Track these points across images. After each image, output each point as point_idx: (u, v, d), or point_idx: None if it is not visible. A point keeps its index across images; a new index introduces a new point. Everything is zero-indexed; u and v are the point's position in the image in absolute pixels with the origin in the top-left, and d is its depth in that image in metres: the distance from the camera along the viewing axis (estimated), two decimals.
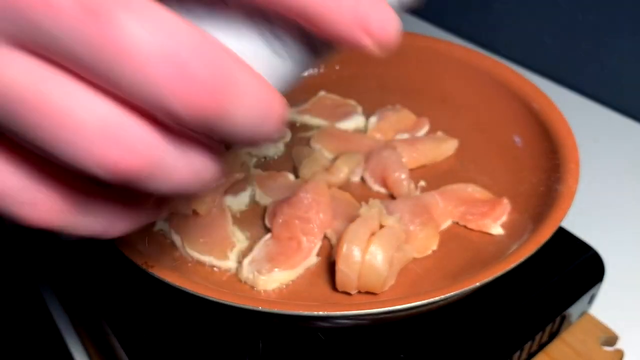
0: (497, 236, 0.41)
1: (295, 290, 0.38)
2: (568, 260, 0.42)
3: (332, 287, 0.38)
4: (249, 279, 0.38)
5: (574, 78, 0.74)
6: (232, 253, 0.40)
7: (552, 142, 0.42)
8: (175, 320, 0.38)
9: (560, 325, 0.42)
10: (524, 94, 0.46)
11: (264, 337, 0.37)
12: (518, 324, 0.39)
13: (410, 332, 0.37)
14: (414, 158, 0.47)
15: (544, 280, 0.41)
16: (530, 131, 0.45)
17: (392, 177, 0.44)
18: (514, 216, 0.41)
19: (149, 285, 0.35)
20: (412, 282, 0.38)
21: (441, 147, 0.48)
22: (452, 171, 0.47)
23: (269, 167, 0.47)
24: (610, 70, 0.70)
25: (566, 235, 0.44)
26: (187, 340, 0.37)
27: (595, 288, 0.42)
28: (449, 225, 0.43)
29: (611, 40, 0.69)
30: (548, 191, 0.40)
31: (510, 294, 0.40)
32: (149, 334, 0.38)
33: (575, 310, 0.42)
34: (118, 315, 0.39)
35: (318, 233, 0.40)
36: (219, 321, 0.38)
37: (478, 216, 0.42)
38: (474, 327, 0.38)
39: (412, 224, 0.40)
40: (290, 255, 0.39)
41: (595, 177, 0.59)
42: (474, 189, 0.44)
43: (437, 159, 0.48)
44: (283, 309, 0.31)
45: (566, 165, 0.40)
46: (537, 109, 0.45)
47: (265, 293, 0.38)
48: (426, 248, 0.40)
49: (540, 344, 0.42)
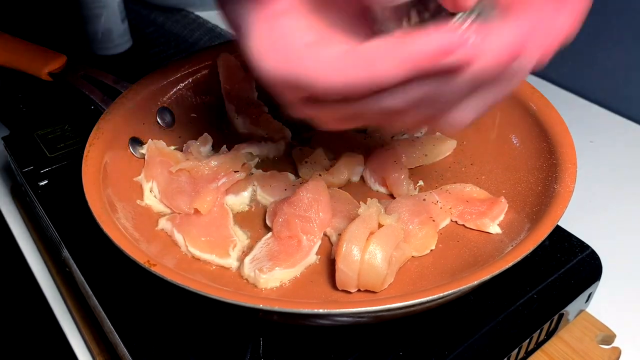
0: (495, 235, 0.41)
1: (295, 288, 0.38)
2: (565, 259, 0.42)
3: (332, 285, 0.38)
4: (250, 277, 0.38)
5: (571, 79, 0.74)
6: (233, 252, 0.40)
7: (549, 142, 0.43)
8: (177, 317, 0.39)
9: (557, 323, 0.42)
10: (522, 95, 0.46)
11: (265, 334, 0.37)
12: (516, 322, 0.39)
13: (409, 329, 0.38)
14: (413, 158, 0.48)
15: (541, 279, 0.41)
16: (528, 131, 0.45)
17: (392, 177, 0.45)
18: (512, 215, 0.42)
19: (152, 283, 0.35)
20: (411, 281, 0.39)
21: (440, 147, 0.48)
22: (450, 171, 0.48)
23: (269, 167, 0.48)
24: (607, 71, 0.71)
25: (563, 234, 0.44)
26: (189, 337, 0.38)
27: (593, 287, 0.43)
28: (447, 225, 0.43)
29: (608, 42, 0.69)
30: (545, 190, 0.40)
31: (508, 293, 0.40)
32: (151, 331, 0.38)
33: (573, 309, 0.43)
34: (121, 313, 0.39)
35: (318, 232, 0.41)
36: (220, 319, 0.38)
37: (476, 215, 0.42)
38: (472, 325, 0.38)
39: (411, 223, 0.41)
40: (291, 254, 0.39)
41: (592, 177, 0.60)
42: (472, 188, 0.44)
43: (436, 159, 0.49)
44: (284, 306, 0.32)
45: (563, 165, 0.40)
46: (534, 109, 0.45)
47: (266, 291, 0.38)
48: (425, 247, 0.41)
49: (538, 342, 0.42)
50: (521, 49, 0.26)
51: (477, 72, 0.26)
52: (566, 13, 0.27)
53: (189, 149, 0.47)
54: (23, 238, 0.55)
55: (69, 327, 0.47)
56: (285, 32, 0.28)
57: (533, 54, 0.27)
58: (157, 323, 0.39)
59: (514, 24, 0.26)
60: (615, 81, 0.70)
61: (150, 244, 0.39)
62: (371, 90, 0.27)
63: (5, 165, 0.63)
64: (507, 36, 0.25)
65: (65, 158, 0.51)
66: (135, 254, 0.34)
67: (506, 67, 0.26)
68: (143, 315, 0.39)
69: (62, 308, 0.49)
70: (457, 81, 0.26)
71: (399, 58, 0.25)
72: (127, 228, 0.38)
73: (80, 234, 0.44)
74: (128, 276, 0.41)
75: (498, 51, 0.25)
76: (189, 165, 0.45)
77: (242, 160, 0.47)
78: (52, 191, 0.49)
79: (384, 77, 0.26)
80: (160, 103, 0.49)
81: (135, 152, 0.46)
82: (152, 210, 0.43)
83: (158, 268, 0.33)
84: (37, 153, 0.52)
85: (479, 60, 0.25)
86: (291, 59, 0.27)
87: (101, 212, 0.37)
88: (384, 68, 0.26)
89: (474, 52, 0.25)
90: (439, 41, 0.25)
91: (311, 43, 0.27)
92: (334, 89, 0.27)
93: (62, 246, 0.45)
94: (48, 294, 0.50)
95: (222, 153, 0.47)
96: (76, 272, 0.43)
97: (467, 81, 0.26)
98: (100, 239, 0.36)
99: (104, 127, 0.44)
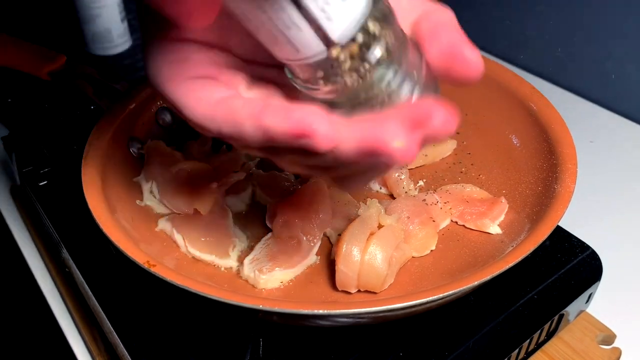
0: (495, 235, 0.41)
1: (295, 288, 0.38)
2: (566, 259, 0.42)
3: (332, 285, 0.38)
4: (250, 278, 0.38)
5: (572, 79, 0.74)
6: (233, 252, 0.40)
7: (549, 143, 0.43)
8: (176, 318, 0.39)
9: (558, 323, 0.42)
10: (522, 95, 0.46)
11: (265, 335, 0.37)
12: (516, 322, 0.39)
13: (409, 330, 0.38)
14: None
15: (541, 279, 0.41)
16: (528, 131, 0.45)
17: (392, 177, 0.45)
18: (512, 216, 0.41)
19: (151, 284, 0.35)
20: (411, 281, 0.39)
21: (440, 147, 0.48)
22: (450, 171, 0.48)
23: (269, 167, 0.48)
24: (607, 71, 0.71)
25: (564, 234, 0.44)
26: (189, 337, 0.38)
27: (593, 287, 0.43)
28: (447, 225, 0.43)
29: (609, 41, 0.69)
30: (546, 191, 0.40)
31: (508, 293, 0.40)
32: (151, 332, 0.38)
33: (573, 309, 0.43)
34: (120, 314, 0.39)
35: (318, 232, 0.41)
36: (220, 319, 0.38)
37: (476, 216, 0.42)
38: (472, 325, 0.38)
39: (411, 223, 0.41)
40: (291, 255, 0.39)
41: (593, 177, 0.59)
42: (472, 189, 0.44)
43: (436, 160, 0.48)
44: (284, 307, 0.32)
45: (563, 165, 0.40)
46: (534, 109, 0.45)
47: (266, 292, 0.38)
48: (425, 247, 0.41)
49: (539, 342, 0.42)
50: (375, 151, 0.23)
51: (331, 159, 0.25)
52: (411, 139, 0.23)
53: (189, 149, 0.47)
54: (22, 238, 0.55)
55: (69, 327, 0.47)
56: (181, 61, 0.27)
57: (391, 158, 0.23)
58: (157, 323, 0.38)
59: (375, 123, 0.23)
60: (616, 81, 0.70)
61: (150, 245, 0.39)
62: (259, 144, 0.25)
63: (5, 165, 0.62)
64: (362, 133, 0.23)
65: (65, 158, 0.51)
66: (134, 255, 0.34)
67: (359, 162, 0.24)
68: (143, 316, 0.39)
69: (61, 308, 0.49)
70: (320, 158, 0.25)
71: (257, 125, 0.24)
72: (127, 228, 0.38)
73: (79, 234, 0.44)
74: (128, 277, 0.41)
75: (348, 147, 0.24)
76: (189, 165, 0.44)
77: (241, 160, 0.47)
78: (52, 191, 0.49)
79: (244, 138, 0.25)
80: (160, 103, 0.49)
81: (134, 152, 0.46)
82: (151, 211, 0.43)
83: (158, 268, 0.33)
84: (37, 153, 0.52)
85: (328, 149, 0.23)
86: (178, 91, 0.27)
87: (100, 213, 0.37)
88: (244, 130, 0.25)
89: (324, 142, 0.23)
90: (294, 122, 0.23)
91: (200, 81, 0.27)
92: (209, 133, 0.27)
93: (61, 246, 0.45)
94: (47, 294, 0.50)
95: (222, 153, 0.47)
96: (76, 273, 0.43)
97: (330, 160, 0.25)
98: (99, 239, 0.36)
99: (103, 127, 0.44)
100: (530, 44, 0.77)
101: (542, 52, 0.76)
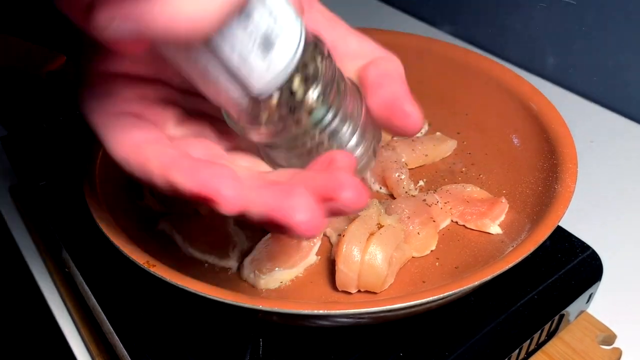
0: (495, 235, 0.41)
1: (295, 289, 0.38)
2: (566, 259, 0.42)
3: (332, 285, 0.38)
4: (250, 278, 0.38)
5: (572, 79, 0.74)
6: (233, 252, 0.40)
7: (550, 142, 0.43)
8: (176, 318, 0.38)
9: (558, 324, 0.42)
10: (522, 95, 0.46)
11: (265, 335, 0.37)
12: (516, 322, 0.39)
13: (409, 330, 0.37)
14: (413, 158, 0.47)
15: (542, 280, 0.41)
16: (529, 131, 0.45)
17: (392, 177, 0.45)
18: (512, 216, 0.41)
19: (151, 284, 0.35)
20: (412, 281, 0.39)
21: (440, 147, 0.48)
22: (450, 171, 0.47)
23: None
24: (608, 71, 0.71)
25: (564, 234, 0.44)
26: (189, 338, 0.37)
27: (594, 287, 0.43)
28: (447, 225, 0.43)
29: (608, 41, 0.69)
30: (546, 191, 0.40)
31: (508, 293, 0.40)
32: (150, 332, 0.38)
33: (574, 309, 0.42)
34: (120, 314, 0.39)
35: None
36: (220, 320, 0.38)
37: (477, 216, 0.42)
38: (473, 325, 0.38)
39: (412, 223, 0.41)
40: (291, 255, 0.39)
41: (593, 177, 0.59)
42: (472, 188, 0.44)
43: (436, 159, 0.48)
44: (283, 307, 0.31)
45: (564, 165, 0.40)
46: (535, 109, 0.45)
47: (266, 292, 0.38)
48: (425, 247, 0.41)
49: (539, 342, 0.42)
50: (277, 222, 0.22)
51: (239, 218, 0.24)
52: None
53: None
54: (22, 238, 0.55)
55: (68, 327, 0.47)
56: (107, 95, 0.27)
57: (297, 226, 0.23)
58: (157, 324, 0.38)
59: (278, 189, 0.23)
60: (616, 81, 0.70)
61: (150, 245, 0.39)
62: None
63: (4, 165, 0.62)
64: (268, 200, 0.23)
65: (65, 158, 0.51)
66: (134, 255, 0.34)
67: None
68: (142, 316, 0.39)
69: (61, 308, 0.49)
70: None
71: (164, 179, 0.24)
72: (127, 228, 0.38)
73: (79, 235, 0.44)
74: (127, 277, 0.41)
75: (254, 213, 0.23)
76: None
77: None
78: (52, 191, 0.49)
79: (155, 187, 0.25)
80: None
81: None
82: (151, 211, 0.43)
83: (157, 269, 0.33)
84: (37, 153, 0.52)
85: (232, 214, 0.23)
86: (101, 126, 0.26)
87: (100, 213, 0.37)
88: (154, 180, 0.24)
89: (227, 207, 0.23)
90: (199, 183, 0.23)
91: (123, 119, 0.26)
92: (127, 174, 0.26)
93: (61, 246, 0.45)
94: (47, 294, 0.50)
95: None
96: (75, 273, 0.43)
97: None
98: (99, 239, 0.35)
99: None
100: (530, 44, 0.77)
101: (543, 52, 0.76)
